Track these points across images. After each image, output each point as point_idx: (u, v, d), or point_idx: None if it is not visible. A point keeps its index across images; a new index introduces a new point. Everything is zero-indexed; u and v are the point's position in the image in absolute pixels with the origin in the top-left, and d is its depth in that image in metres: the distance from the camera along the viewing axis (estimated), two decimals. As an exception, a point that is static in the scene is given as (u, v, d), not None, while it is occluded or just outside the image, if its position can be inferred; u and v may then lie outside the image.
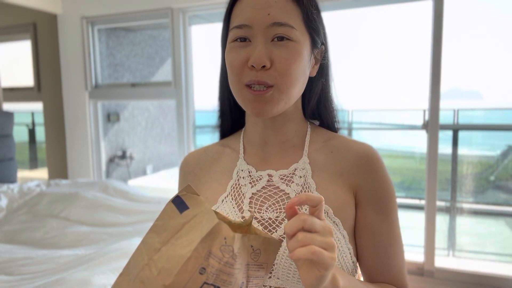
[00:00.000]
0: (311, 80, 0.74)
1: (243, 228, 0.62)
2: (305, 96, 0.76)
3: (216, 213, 0.56)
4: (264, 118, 0.70)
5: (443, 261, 2.66)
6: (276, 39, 0.65)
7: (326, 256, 0.50)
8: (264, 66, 0.64)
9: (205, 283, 0.49)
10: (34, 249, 1.86)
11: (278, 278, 0.64)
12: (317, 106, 0.78)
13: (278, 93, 0.65)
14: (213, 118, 0.85)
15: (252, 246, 0.55)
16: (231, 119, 0.81)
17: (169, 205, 0.55)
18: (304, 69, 0.68)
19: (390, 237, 0.70)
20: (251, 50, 0.65)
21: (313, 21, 0.69)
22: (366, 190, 0.69)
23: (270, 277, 0.65)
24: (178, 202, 0.54)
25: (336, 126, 0.79)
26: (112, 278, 1.42)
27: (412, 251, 2.67)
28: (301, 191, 0.69)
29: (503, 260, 3.11)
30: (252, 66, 0.64)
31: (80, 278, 1.39)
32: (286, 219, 0.67)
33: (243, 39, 0.66)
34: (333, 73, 0.78)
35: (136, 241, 1.75)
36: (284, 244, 0.64)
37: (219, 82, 0.79)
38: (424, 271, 2.44)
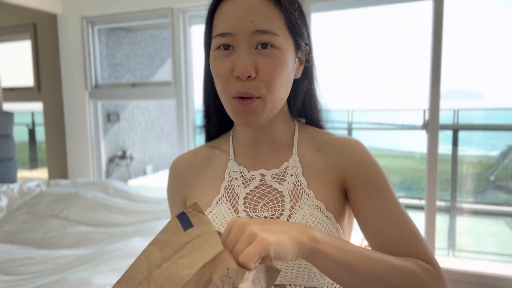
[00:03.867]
0: (296, 82, 0.74)
1: None
2: (291, 98, 0.77)
3: (219, 233, 0.55)
4: (252, 128, 0.71)
5: (443, 261, 2.65)
6: (260, 47, 0.65)
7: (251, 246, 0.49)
8: (249, 76, 0.64)
9: None
10: (34, 249, 1.86)
11: None
12: (303, 107, 0.79)
13: (263, 103, 0.66)
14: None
15: None
16: (218, 121, 0.81)
17: (173, 220, 0.53)
18: (289, 75, 0.69)
19: (397, 211, 0.67)
20: (236, 59, 0.65)
21: (296, 26, 0.68)
22: (354, 173, 0.70)
23: None
24: (183, 219, 0.53)
25: (321, 124, 0.80)
26: (112, 278, 1.42)
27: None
28: (293, 188, 0.71)
29: (503, 260, 3.11)
30: (238, 76, 0.64)
31: (80, 278, 1.39)
32: (280, 217, 0.69)
33: (227, 47, 0.66)
34: (318, 75, 0.79)
35: (136, 241, 1.75)
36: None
37: (203, 85, 0.79)
38: (424, 271, 2.44)
